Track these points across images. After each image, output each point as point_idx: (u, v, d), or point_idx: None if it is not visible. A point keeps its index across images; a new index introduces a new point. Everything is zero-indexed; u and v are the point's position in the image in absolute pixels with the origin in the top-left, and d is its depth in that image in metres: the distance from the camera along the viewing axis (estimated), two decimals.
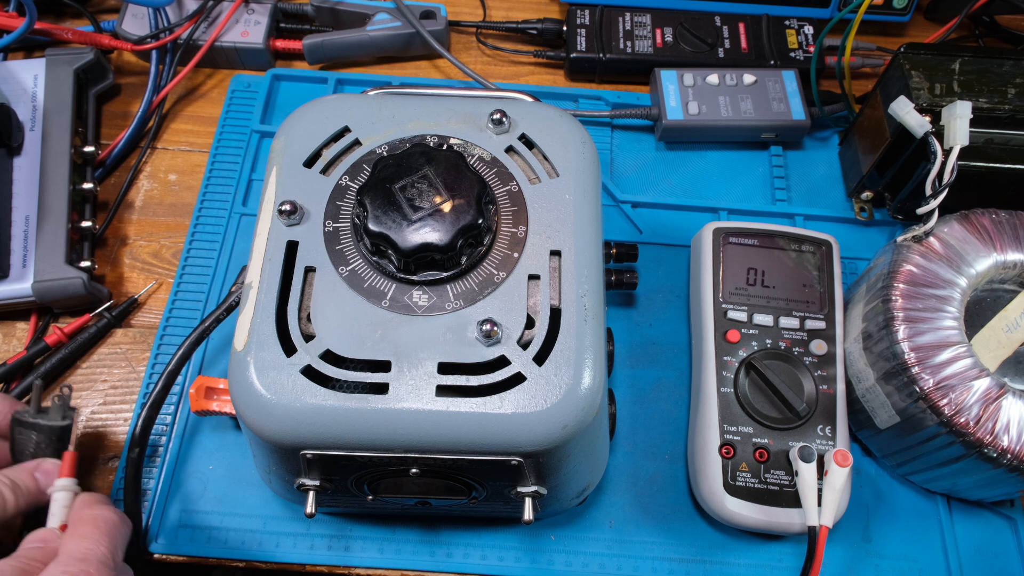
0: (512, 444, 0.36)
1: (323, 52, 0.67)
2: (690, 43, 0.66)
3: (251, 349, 0.37)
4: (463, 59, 0.69)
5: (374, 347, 0.37)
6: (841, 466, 0.45)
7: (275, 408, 0.36)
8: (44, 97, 0.59)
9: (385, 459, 0.37)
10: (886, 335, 0.46)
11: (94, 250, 0.58)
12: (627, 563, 0.49)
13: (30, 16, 0.60)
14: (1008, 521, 0.51)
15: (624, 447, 0.53)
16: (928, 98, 0.51)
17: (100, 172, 0.62)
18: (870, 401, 0.49)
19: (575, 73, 0.68)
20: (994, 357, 0.46)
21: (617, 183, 0.62)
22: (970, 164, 0.51)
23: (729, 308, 0.52)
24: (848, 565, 0.49)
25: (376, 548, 0.49)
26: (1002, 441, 0.43)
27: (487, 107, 0.44)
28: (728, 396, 0.49)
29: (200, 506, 0.50)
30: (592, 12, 0.68)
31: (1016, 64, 0.53)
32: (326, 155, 0.43)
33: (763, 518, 0.47)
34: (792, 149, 0.65)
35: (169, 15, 0.66)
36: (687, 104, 0.62)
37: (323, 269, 0.40)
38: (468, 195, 0.39)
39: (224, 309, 0.48)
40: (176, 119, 0.66)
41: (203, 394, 0.49)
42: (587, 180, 0.43)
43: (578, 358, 0.37)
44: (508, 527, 0.50)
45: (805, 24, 0.68)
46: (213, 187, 0.61)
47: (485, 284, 0.39)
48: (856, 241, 0.60)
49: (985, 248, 0.48)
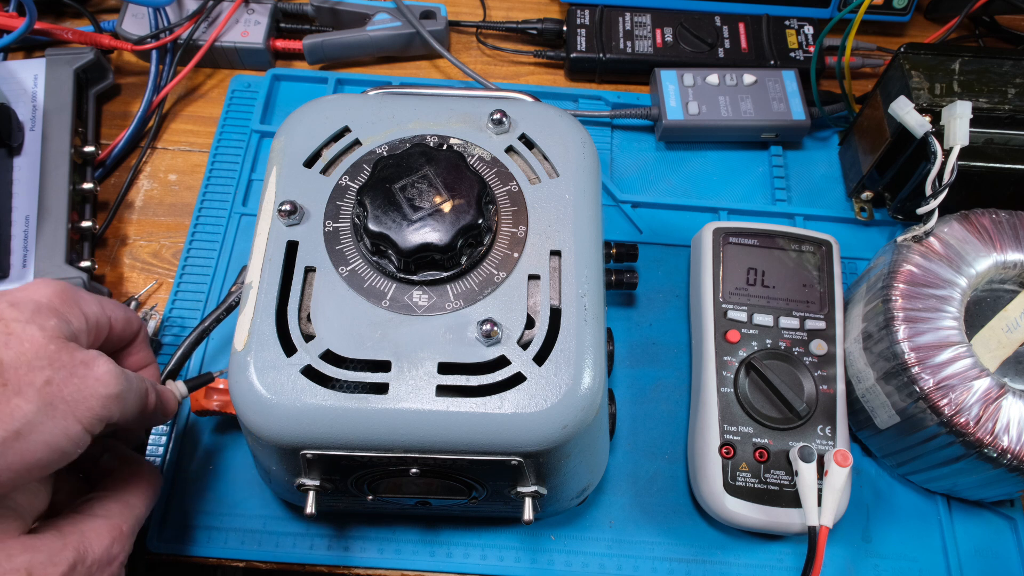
0: (512, 444, 0.36)
1: (323, 52, 0.67)
2: (690, 43, 0.66)
3: (251, 349, 0.37)
4: (463, 59, 0.69)
5: (374, 347, 0.37)
6: (841, 466, 0.45)
7: (275, 408, 0.36)
8: (44, 97, 0.59)
9: (385, 459, 0.37)
10: (886, 335, 0.46)
11: (94, 250, 0.58)
12: (627, 563, 0.49)
13: (30, 16, 0.60)
14: (1008, 521, 0.51)
15: (624, 447, 0.53)
16: (928, 98, 0.51)
17: (100, 172, 0.62)
18: (870, 401, 0.49)
19: (575, 73, 0.68)
20: (994, 357, 0.46)
21: (617, 183, 0.62)
22: (970, 164, 0.51)
23: (729, 308, 0.52)
24: (848, 565, 0.49)
25: (376, 548, 0.49)
26: (1002, 441, 0.43)
27: (487, 107, 0.44)
28: (728, 396, 0.49)
29: (200, 506, 0.50)
30: (592, 12, 0.68)
31: (1016, 64, 0.53)
32: (326, 155, 0.43)
33: (763, 518, 0.47)
34: (792, 149, 0.65)
35: (169, 15, 0.66)
36: (687, 104, 0.62)
37: (323, 269, 0.40)
38: (468, 195, 0.39)
39: (224, 309, 0.48)
40: (176, 119, 0.66)
41: (203, 394, 0.50)
42: (587, 180, 0.43)
43: (578, 358, 0.37)
44: (508, 527, 0.50)
45: (805, 24, 0.68)
46: (213, 187, 0.61)
47: (485, 284, 0.39)
48: (856, 241, 0.60)
49: (985, 248, 0.48)
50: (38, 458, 0.30)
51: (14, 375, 0.30)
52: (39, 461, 0.31)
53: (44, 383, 0.31)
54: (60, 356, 0.32)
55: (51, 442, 0.31)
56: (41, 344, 0.31)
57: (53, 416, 0.31)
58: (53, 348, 0.32)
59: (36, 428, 0.30)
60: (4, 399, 0.30)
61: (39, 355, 0.31)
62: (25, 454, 0.30)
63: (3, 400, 0.30)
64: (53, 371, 0.31)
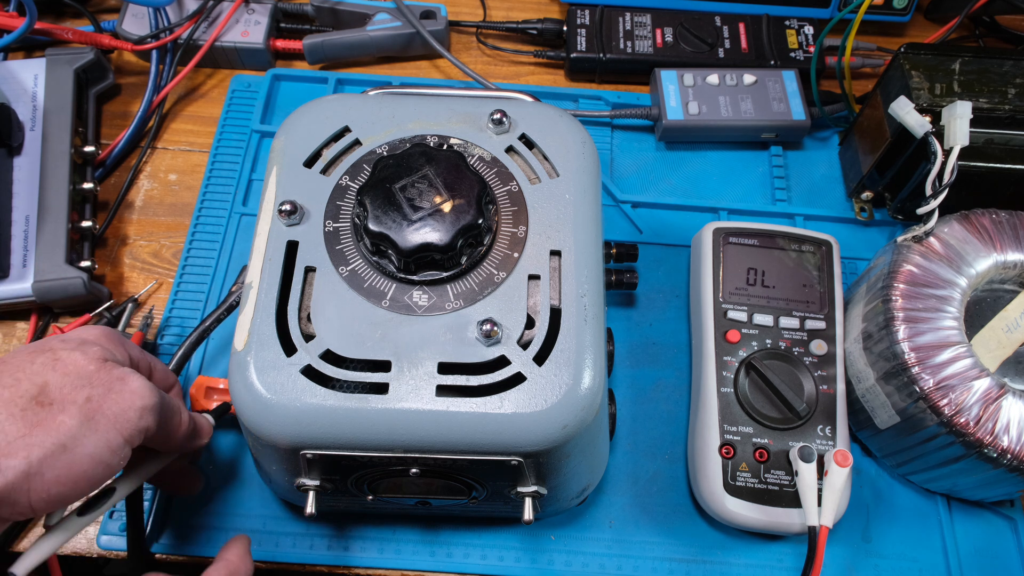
0: (512, 444, 0.36)
1: (323, 52, 0.67)
2: (690, 43, 0.66)
3: (251, 349, 0.37)
4: (463, 59, 0.69)
5: (374, 347, 0.37)
6: (841, 466, 0.45)
7: (275, 408, 0.36)
8: (44, 97, 0.59)
9: (385, 459, 0.37)
10: (886, 335, 0.46)
11: (94, 250, 0.58)
12: (627, 563, 0.49)
13: (30, 16, 0.60)
14: (1008, 521, 0.51)
15: (624, 447, 0.53)
16: (928, 98, 0.51)
17: (100, 172, 0.62)
18: (870, 401, 0.49)
19: (575, 73, 0.68)
20: (994, 357, 0.46)
21: (617, 183, 0.62)
22: (970, 164, 0.51)
23: (729, 308, 0.52)
24: (848, 565, 0.49)
25: (376, 548, 0.49)
26: (1002, 441, 0.43)
27: (487, 107, 0.44)
28: (728, 396, 0.49)
29: (200, 506, 0.50)
30: (592, 12, 0.68)
31: (1016, 64, 0.53)
32: (326, 155, 0.43)
33: (763, 518, 0.47)
34: (792, 149, 0.65)
35: (169, 15, 0.66)
36: (687, 104, 0.62)
37: (323, 269, 0.40)
38: (468, 195, 0.39)
39: (224, 309, 0.48)
40: (176, 119, 0.66)
41: (203, 394, 0.50)
42: (587, 180, 0.43)
43: (578, 358, 0.37)
44: (508, 527, 0.50)
45: (805, 24, 0.68)
46: (213, 187, 0.61)
47: (485, 284, 0.39)
48: (856, 241, 0.60)
49: (985, 248, 0.48)
50: (84, 470, 0.33)
51: (59, 394, 0.33)
52: (84, 473, 0.33)
53: (85, 400, 0.33)
54: (99, 375, 0.34)
55: (94, 454, 0.33)
56: (82, 365, 0.34)
57: (96, 430, 0.33)
58: (92, 368, 0.35)
59: (80, 442, 0.33)
60: (51, 416, 0.32)
61: (80, 375, 0.34)
62: (72, 466, 0.32)
63: (49, 418, 0.32)
64: (92, 389, 0.34)
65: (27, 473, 0.31)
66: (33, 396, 0.33)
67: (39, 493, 0.32)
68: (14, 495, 0.31)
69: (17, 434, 0.32)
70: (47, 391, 0.33)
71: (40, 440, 0.32)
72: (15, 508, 0.32)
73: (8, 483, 0.31)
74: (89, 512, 0.38)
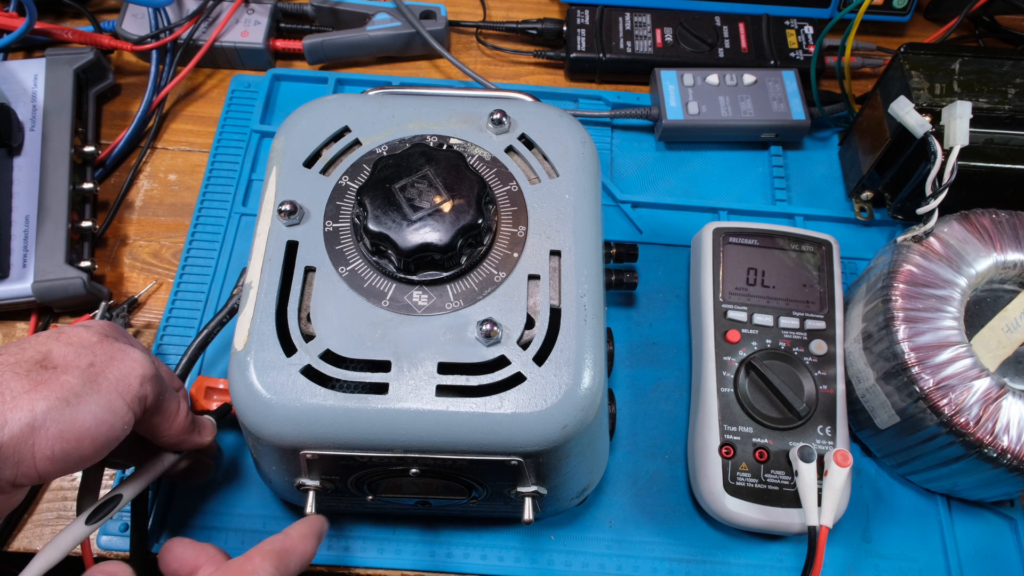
0: (512, 444, 0.36)
1: (323, 52, 0.67)
2: (690, 43, 0.66)
3: (251, 349, 0.37)
4: (463, 59, 0.69)
5: (374, 347, 0.37)
6: (841, 466, 0.45)
7: (275, 408, 0.36)
8: (44, 97, 0.59)
9: (385, 459, 0.37)
10: (886, 335, 0.46)
11: (94, 250, 0.58)
12: (627, 563, 0.49)
13: (30, 16, 0.60)
14: (1008, 521, 0.51)
15: (624, 447, 0.53)
16: (928, 98, 0.51)
17: (100, 172, 0.62)
18: (870, 401, 0.49)
19: (575, 73, 0.68)
20: (994, 357, 0.46)
21: (617, 183, 0.62)
22: (970, 164, 0.51)
23: (729, 308, 0.52)
24: (848, 565, 0.49)
25: (376, 548, 0.49)
26: (1002, 441, 0.43)
27: (487, 107, 0.44)
28: (728, 396, 0.49)
29: (200, 506, 0.50)
30: (592, 12, 0.68)
31: (1016, 64, 0.53)
32: (326, 155, 0.43)
33: (763, 518, 0.47)
34: (792, 149, 0.65)
35: (169, 15, 0.66)
36: (687, 104, 0.62)
37: (323, 269, 0.40)
38: (468, 195, 0.39)
39: (227, 312, 0.48)
40: (176, 119, 0.66)
41: (203, 394, 0.50)
42: (587, 180, 0.43)
43: (578, 358, 0.37)
44: (508, 527, 0.50)
45: (805, 24, 0.68)
46: (213, 187, 0.61)
47: (485, 284, 0.39)
48: (856, 241, 0.60)
49: (985, 248, 0.48)
50: (87, 426, 0.33)
51: (62, 360, 0.35)
52: (88, 430, 0.34)
53: (88, 365, 0.35)
54: (101, 345, 0.36)
55: (97, 412, 0.34)
56: (85, 337, 0.36)
57: (98, 391, 0.34)
58: (95, 340, 0.37)
59: (83, 399, 0.34)
60: (54, 377, 0.34)
61: (84, 345, 0.36)
62: (75, 421, 0.33)
63: (53, 378, 0.34)
64: (95, 356, 0.36)
65: (31, 425, 0.32)
66: (37, 361, 0.34)
67: (43, 449, 0.32)
68: (20, 449, 0.32)
69: (22, 390, 0.33)
70: (51, 357, 0.35)
71: (44, 394, 0.33)
72: (20, 466, 0.32)
73: (13, 435, 0.32)
74: (96, 520, 0.39)
